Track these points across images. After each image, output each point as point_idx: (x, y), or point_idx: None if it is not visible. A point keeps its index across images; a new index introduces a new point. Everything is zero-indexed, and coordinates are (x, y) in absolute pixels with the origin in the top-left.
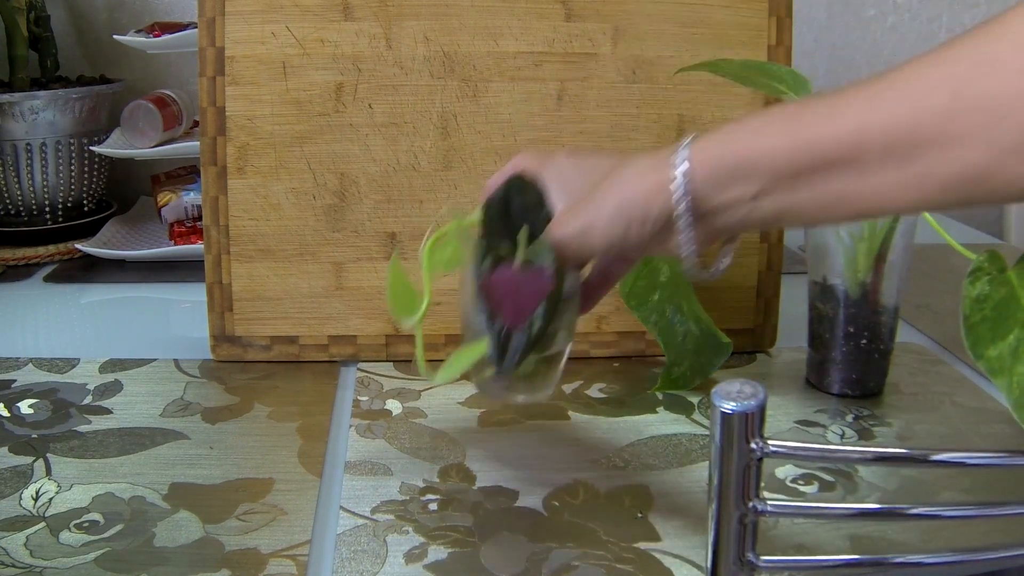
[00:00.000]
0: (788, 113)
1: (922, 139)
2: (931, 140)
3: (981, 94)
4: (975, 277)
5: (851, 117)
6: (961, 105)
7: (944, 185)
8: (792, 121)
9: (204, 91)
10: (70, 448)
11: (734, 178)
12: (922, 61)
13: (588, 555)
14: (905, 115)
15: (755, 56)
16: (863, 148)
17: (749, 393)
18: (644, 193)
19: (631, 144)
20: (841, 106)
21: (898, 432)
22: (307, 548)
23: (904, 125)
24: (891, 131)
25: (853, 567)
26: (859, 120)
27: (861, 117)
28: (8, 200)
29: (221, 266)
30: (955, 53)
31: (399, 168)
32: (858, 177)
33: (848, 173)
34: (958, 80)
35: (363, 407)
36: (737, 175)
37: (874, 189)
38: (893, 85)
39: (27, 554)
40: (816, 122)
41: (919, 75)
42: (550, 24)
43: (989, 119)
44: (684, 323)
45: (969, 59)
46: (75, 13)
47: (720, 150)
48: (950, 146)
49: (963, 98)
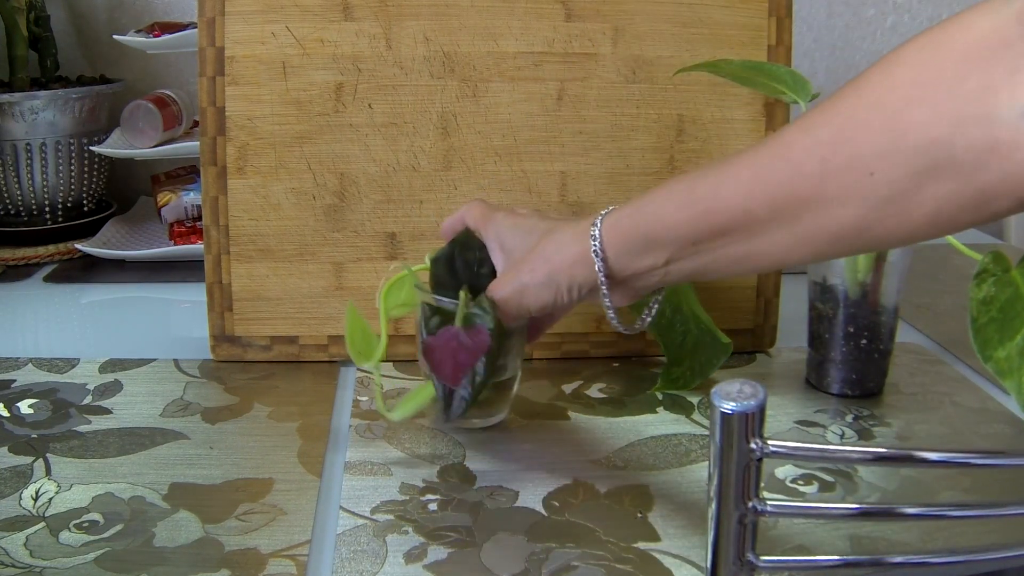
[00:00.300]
0: (684, 187)
1: (801, 202)
2: (809, 202)
3: (849, 155)
4: (981, 279)
5: (738, 188)
6: (831, 168)
7: (831, 239)
8: (687, 194)
9: (204, 91)
10: (70, 448)
11: (644, 250)
12: (798, 128)
13: (588, 555)
14: (784, 183)
15: (755, 56)
16: (751, 215)
17: (749, 393)
18: (568, 264)
19: (631, 144)
20: (730, 177)
21: (898, 432)
22: (307, 548)
23: (784, 192)
24: (773, 198)
25: (853, 567)
26: (745, 190)
27: (747, 187)
28: (8, 200)
29: (221, 266)
30: (822, 118)
31: (399, 168)
32: (752, 239)
33: (742, 237)
34: (825, 146)
35: (363, 407)
36: (646, 248)
37: (768, 248)
38: (773, 154)
39: (27, 554)
40: (708, 195)
41: (794, 144)
42: (550, 24)
43: (859, 177)
44: (684, 323)
45: (834, 124)
46: (75, 13)
47: (628, 225)
48: (828, 206)
49: (832, 162)
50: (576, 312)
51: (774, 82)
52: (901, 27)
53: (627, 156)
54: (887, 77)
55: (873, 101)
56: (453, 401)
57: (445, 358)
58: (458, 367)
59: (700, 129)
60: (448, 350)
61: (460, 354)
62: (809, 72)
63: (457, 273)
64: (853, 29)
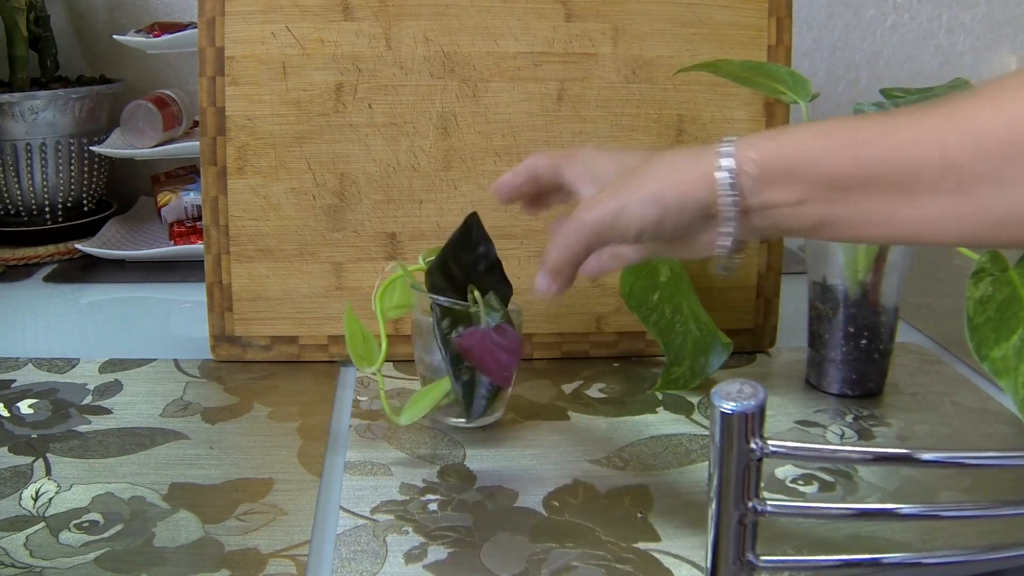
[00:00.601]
0: (843, 127)
1: (976, 176)
2: (984, 178)
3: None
4: (978, 278)
5: (908, 140)
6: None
7: (988, 223)
8: (847, 134)
9: (204, 91)
10: (70, 448)
11: (779, 180)
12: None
13: (588, 555)
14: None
15: (755, 56)
16: (915, 174)
17: (749, 393)
18: (685, 182)
19: (631, 144)
20: (899, 127)
21: (898, 432)
22: (307, 548)
23: (960, 160)
24: (947, 163)
25: (853, 567)
26: (916, 147)
27: (919, 143)
28: (8, 200)
29: (221, 266)
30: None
31: (399, 168)
32: (905, 201)
33: (896, 195)
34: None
35: (363, 407)
36: (783, 178)
37: (917, 216)
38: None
39: (27, 554)
40: (871, 139)
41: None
42: (550, 24)
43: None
44: (684, 323)
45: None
46: (75, 13)
47: (768, 151)
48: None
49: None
50: (576, 312)
51: (774, 82)
52: (901, 27)
53: None
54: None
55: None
56: (474, 400)
57: (486, 358)
58: (502, 366)
59: (700, 129)
60: (486, 350)
61: (498, 353)
62: (809, 72)
63: (454, 277)
64: (853, 29)
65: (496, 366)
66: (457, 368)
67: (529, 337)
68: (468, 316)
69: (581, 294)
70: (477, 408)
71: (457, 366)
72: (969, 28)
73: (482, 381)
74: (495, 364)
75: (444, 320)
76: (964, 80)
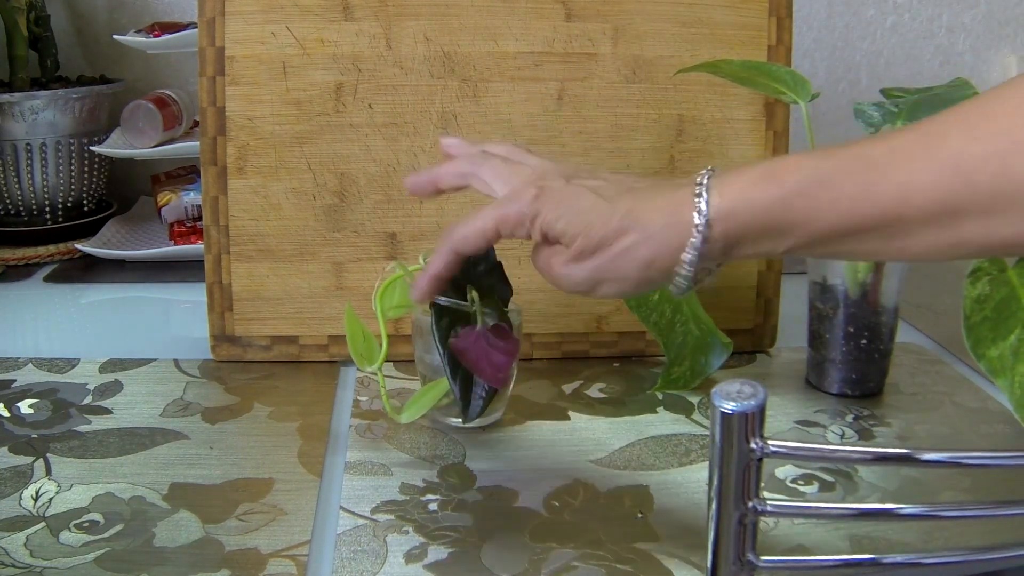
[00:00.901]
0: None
1: (963, 211)
2: (973, 212)
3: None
4: (975, 277)
5: (896, 186)
6: (1005, 184)
7: (982, 248)
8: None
9: (204, 91)
10: (70, 448)
11: (765, 236)
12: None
13: (588, 555)
14: (948, 189)
15: (755, 56)
16: (904, 218)
17: (749, 393)
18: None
19: (631, 144)
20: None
21: (898, 432)
22: (307, 548)
23: (946, 199)
24: (933, 203)
25: (853, 567)
26: (901, 194)
27: (904, 191)
28: (8, 200)
29: (221, 266)
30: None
31: (399, 168)
32: (894, 239)
33: (885, 236)
34: (1001, 160)
35: (363, 407)
36: (767, 236)
37: (907, 246)
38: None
39: (27, 554)
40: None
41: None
42: (550, 24)
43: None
44: (684, 323)
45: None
46: (75, 13)
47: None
48: (991, 218)
49: (1007, 177)
50: (576, 312)
51: (774, 82)
52: (901, 27)
53: (627, 156)
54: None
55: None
56: (471, 401)
57: (480, 359)
58: (495, 367)
59: (700, 129)
60: (480, 351)
61: (493, 354)
62: (809, 72)
63: (454, 278)
64: (853, 29)
65: (490, 367)
66: (454, 369)
67: (529, 337)
68: (466, 316)
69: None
70: (474, 409)
71: (454, 367)
72: (969, 28)
73: (479, 382)
74: (489, 365)
75: (442, 320)
76: (964, 80)
